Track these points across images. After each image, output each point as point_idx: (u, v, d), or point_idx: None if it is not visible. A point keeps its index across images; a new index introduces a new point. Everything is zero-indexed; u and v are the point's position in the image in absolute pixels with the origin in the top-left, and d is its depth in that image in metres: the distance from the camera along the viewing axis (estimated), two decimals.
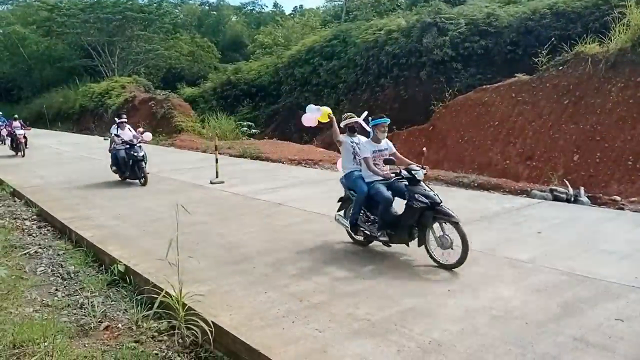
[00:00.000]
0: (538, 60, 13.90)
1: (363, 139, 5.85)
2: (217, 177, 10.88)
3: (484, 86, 15.22)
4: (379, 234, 5.37)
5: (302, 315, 4.07)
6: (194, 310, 4.06)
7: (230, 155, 15.45)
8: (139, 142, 10.79)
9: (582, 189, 8.61)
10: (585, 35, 13.16)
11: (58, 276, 5.72)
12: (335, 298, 4.39)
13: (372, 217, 5.56)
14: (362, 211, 5.61)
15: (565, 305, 4.11)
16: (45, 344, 3.81)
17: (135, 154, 10.52)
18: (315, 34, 30.17)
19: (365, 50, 22.75)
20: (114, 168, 11.15)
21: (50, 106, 36.60)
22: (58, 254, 6.50)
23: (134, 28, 39.40)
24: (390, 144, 5.86)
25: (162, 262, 4.43)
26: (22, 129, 17.44)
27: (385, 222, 5.33)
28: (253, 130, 23.97)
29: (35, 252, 6.59)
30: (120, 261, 5.53)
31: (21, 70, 45.44)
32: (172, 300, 4.11)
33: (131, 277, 5.27)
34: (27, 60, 43.55)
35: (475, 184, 9.65)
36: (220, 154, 12.33)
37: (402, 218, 5.24)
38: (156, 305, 4.17)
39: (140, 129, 11.52)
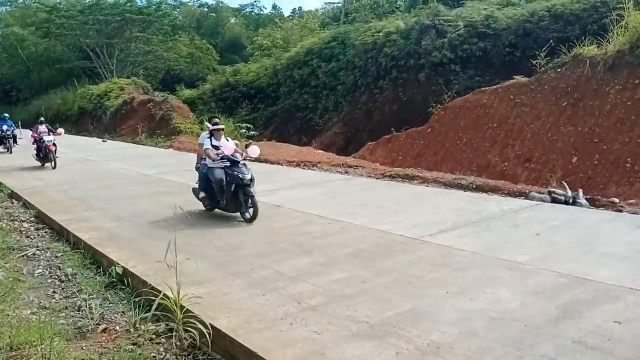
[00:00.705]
0: (536, 63, 13.92)
1: None
2: None
3: (483, 88, 15.23)
4: None
5: (300, 317, 4.06)
6: (192, 313, 4.05)
7: None
8: (244, 159, 7.65)
9: (580, 191, 8.62)
10: (583, 38, 13.18)
11: (56, 278, 5.70)
12: (333, 300, 4.38)
13: None
14: None
15: (563, 308, 4.10)
16: (43, 346, 3.80)
17: (241, 175, 7.27)
18: (314, 36, 30.24)
19: (364, 52, 22.80)
20: (202, 195, 7.82)
21: (48, 108, 36.62)
22: (56, 256, 6.48)
23: (132, 30, 39.45)
24: None
25: (160, 264, 4.43)
26: (49, 134, 14.40)
27: None
28: (252, 132, 23.98)
29: (33, 254, 6.57)
30: (118, 263, 5.51)
31: (20, 71, 45.46)
32: (170, 302, 4.09)
33: (129, 279, 5.25)
34: (25, 61, 43.56)
35: (474, 186, 9.66)
36: None
37: None
38: (154, 307, 4.15)
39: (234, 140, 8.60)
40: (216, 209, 7.88)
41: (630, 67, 11.42)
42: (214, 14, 59.17)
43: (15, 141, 19.56)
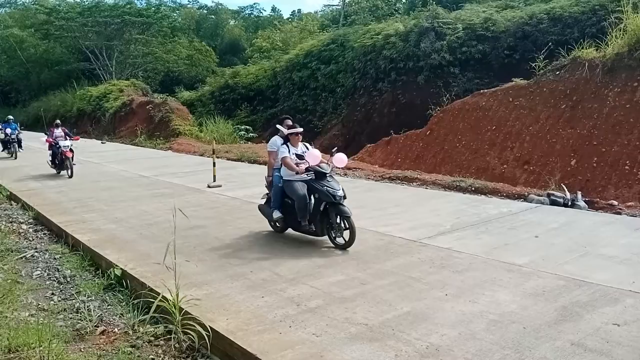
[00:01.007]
0: (535, 65, 13.95)
1: None
2: (214, 180, 10.86)
3: (482, 91, 15.26)
4: None
5: (299, 319, 4.06)
6: (191, 315, 4.05)
7: (228, 159, 15.45)
8: (332, 171, 6.18)
9: (579, 194, 8.63)
10: (582, 40, 13.23)
11: (54, 280, 5.69)
12: (332, 302, 4.38)
13: None
14: None
15: (562, 310, 4.11)
16: (41, 348, 3.79)
17: (332, 191, 5.91)
18: (313, 38, 30.26)
19: (363, 54, 22.82)
20: (277, 214, 6.39)
21: (48, 109, 36.50)
22: (54, 258, 6.47)
23: (132, 32, 39.53)
24: None
25: (159, 266, 4.42)
26: (66, 139, 13.14)
27: None
28: (251, 134, 24.02)
29: (32, 255, 6.56)
30: (116, 265, 5.51)
31: (19, 73, 45.50)
32: (169, 304, 4.09)
33: (128, 281, 5.25)
34: (24, 63, 43.59)
35: (473, 189, 9.67)
36: (217, 157, 12.32)
37: None
38: (152, 309, 4.14)
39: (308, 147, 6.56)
40: (290, 230, 6.55)
41: (628, 69, 11.45)
42: (213, 16, 59.32)
43: (20, 145, 18.66)
